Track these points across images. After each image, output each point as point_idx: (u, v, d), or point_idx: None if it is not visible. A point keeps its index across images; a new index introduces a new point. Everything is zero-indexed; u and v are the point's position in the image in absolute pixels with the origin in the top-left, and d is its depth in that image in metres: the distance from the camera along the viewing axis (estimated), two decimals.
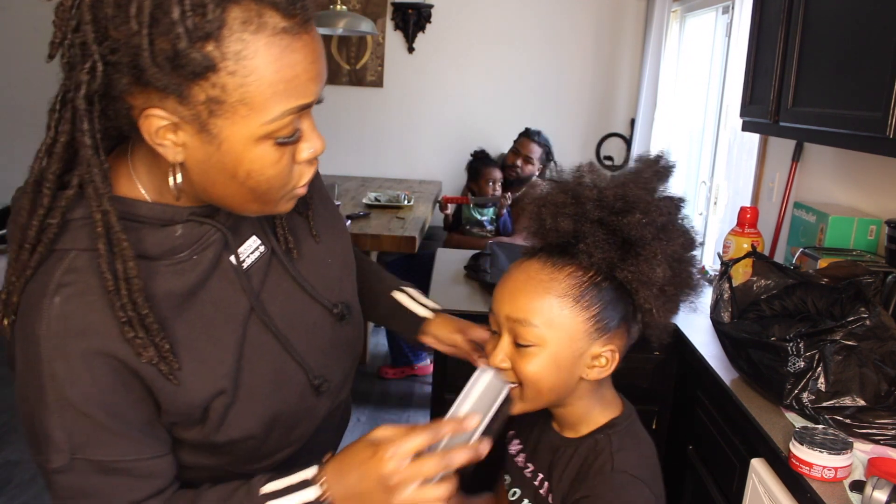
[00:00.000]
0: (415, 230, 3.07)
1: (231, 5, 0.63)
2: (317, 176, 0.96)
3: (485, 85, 4.55)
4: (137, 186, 0.76)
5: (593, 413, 0.93)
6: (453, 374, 1.67)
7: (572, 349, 0.86)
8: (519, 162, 3.72)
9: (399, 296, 1.15)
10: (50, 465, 0.72)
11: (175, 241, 0.76)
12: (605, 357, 0.88)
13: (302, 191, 0.77)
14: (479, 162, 3.84)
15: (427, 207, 3.63)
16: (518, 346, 0.87)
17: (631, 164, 0.92)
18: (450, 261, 2.38)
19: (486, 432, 0.81)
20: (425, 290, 2.02)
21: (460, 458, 0.76)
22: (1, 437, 2.76)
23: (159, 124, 0.67)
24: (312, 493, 0.75)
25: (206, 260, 0.78)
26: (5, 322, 0.74)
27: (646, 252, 0.84)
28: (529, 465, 1.00)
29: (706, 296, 1.96)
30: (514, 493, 1.01)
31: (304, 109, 0.70)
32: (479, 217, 3.69)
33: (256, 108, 0.66)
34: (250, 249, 0.84)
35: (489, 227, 3.68)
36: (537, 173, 3.75)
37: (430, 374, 2.98)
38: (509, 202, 3.65)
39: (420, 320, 1.12)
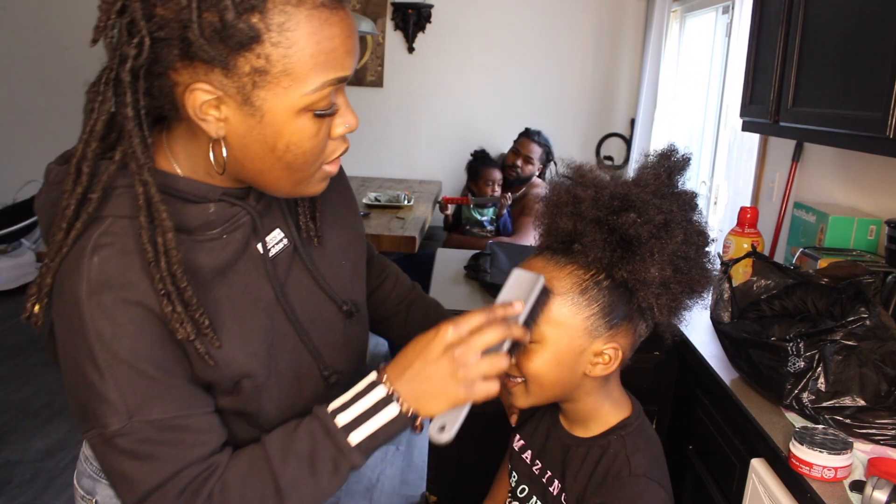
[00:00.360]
0: (415, 230, 3.07)
1: None
2: (344, 176, 1.00)
3: (485, 85, 4.55)
4: (173, 164, 0.78)
5: (603, 411, 0.94)
6: None
7: (573, 346, 0.87)
8: (519, 162, 3.72)
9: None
10: (107, 429, 0.72)
11: (209, 217, 0.78)
12: (607, 354, 0.88)
13: (332, 168, 0.79)
14: (479, 162, 3.84)
15: (427, 207, 3.64)
16: None
17: (640, 159, 0.92)
18: (450, 261, 2.38)
19: (527, 322, 0.82)
20: (425, 290, 2.01)
21: (516, 329, 0.79)
22: (1, 437, 2.76)
23: (204, 98, 0.70)
24: (381, 391, 0.77)
25: (235, 241, 0.80)
26: (36, 308, 0.75)
27: (641, 251, 0.84)
28: (538, 462, 1.00)
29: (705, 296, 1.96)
30: (523, 489, 1.01)
31: (341, 82, 0.73)
32: (479, 217, 3.69)
33: (298, 79, 0.69)
34: (275, 241, 0.86)
35: (489, 228, 3.68)
36: (537, 173, 3.75)
37: None
38: (509, 202, 3.65)
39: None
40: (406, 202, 3.61)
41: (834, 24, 1.60)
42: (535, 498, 0.98)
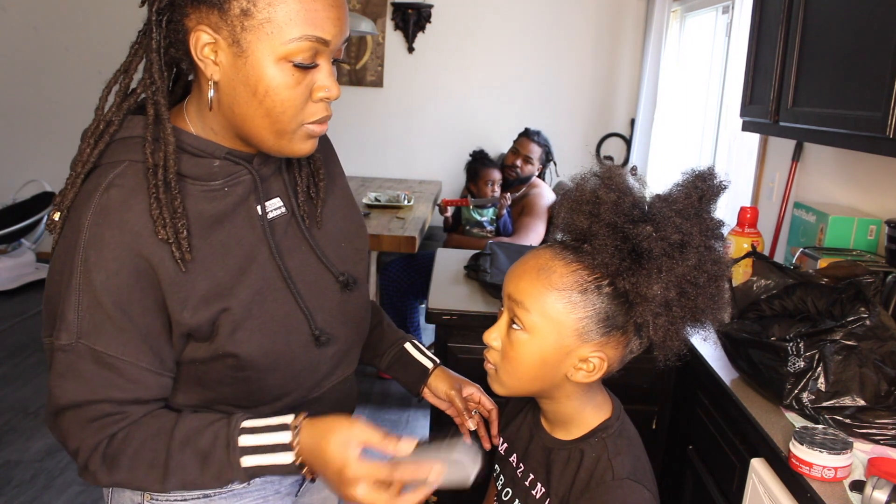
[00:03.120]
0: (415, 230, 3.07)
1: None
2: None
3: (485, 85, 4.55)
4: (188, 125, 0.89)
5: (584, 414, 0.92)
6: (453, 368, 1.67)
7: (559, 345, 0.86)
8: (518, 162, 3.72)
9: (409, 347, 1.20)
10: (57, 341, 0.82)
11: (213, 169, 0.88)
12: (592, 362, 0.86)
13: (315, 128, 0.86)
14: (478, 163, 3.84)
15: (427, 207, 3.63)
16: (512, 327, 0.88)
17: (679, 176, 0.89)
18: (450, 261, 2.38)
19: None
20: (425, 290, 2.02)
21: (413, 499, 0.82)
22: (1, 437, 2.76)
23: (204, 40, 0.80)
24: (286, 437, 0.84)
25: (235, 195, 0.89)
26: (56, 216, 0.85)
27: (649, 266, 0.81)
28: (521, 465, 0.99)
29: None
30: (507, 492, 1.00)
31: (322, 44, 0.81)
32: (478, 218, 3.68)
33: (279, 27, 0.78)
34: (274, 206, 0.94)
35: (489, 228, 3.68)
36: (537, 173, 3.75)
37: None
38: (509, 202, 3.65)
39: (425, 370, 1.16)
40: (406, 202, 3.61)
41: (834, 24, 1.60)
42: (517, 501, 0.97)
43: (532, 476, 0.96)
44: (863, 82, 1.44)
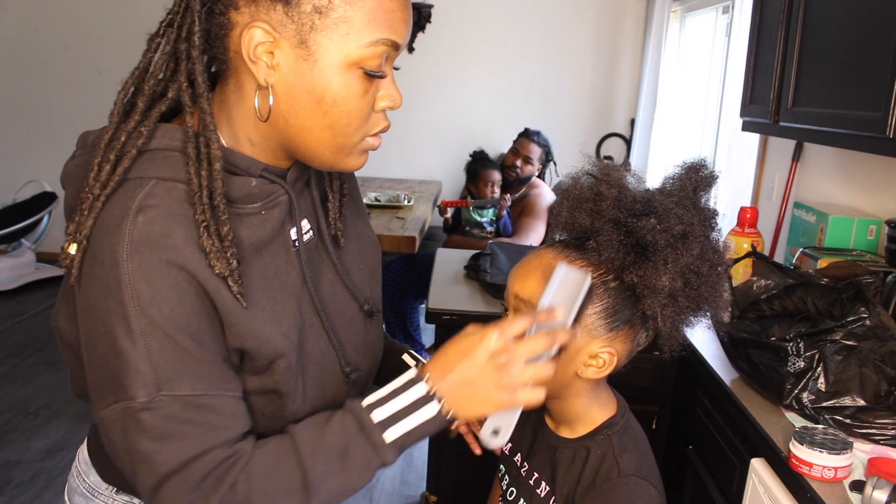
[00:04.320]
0: (415, 230, 3.07)
1: None
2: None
3: (485, 85, 4.55)
4: (218, 133, 0.77)
5: (590, 412, 0.93)
6: None
7: (569, 342, 0.85)
8: (518, 162, 3.72)
9: (407, 358, 1.15)
10: (134, 401, 0.69)
11: (251, 190, 0.77)
12: (602, 358, 0.87)
13: (375, 142, 0.79)
14: (478, 163, 3.84)
15: (427, 207, 3.63)
16: None
17: (671, 170, 0.90)
18: (450, 261, 2.38)
19: (574, 321, 0.82)
20: (425, 290, 2.02)
21: (562, 337, 0.78)
22: (1, 437, 2.76)
23: (260, 39, 0.70)
24: (421, 389, 0.76)
25: (273, 219, 0.79)
26: (72, 249, 0.71)
27: (655, 258, 0.82)
28: (525, 464, 0.99)
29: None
30: (511, 492, 1.00)
31: (394, 48, 0.75)
32: (478, 218, 3.68)
33: (355, 29, 0.70)
34: (304, 229, 0.85)
35: (489, 229, 3.68)
36: (536, 174, 3.75)
37: None
38: (509, 203, 3.65)
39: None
40: (406, 202, 3.61)
41: (834, 24, 1.60)
42: (522, 501, 0.97)
43: (537, 475, 0.96)
44: (863, 82, 1.44)
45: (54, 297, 4.60)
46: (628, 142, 4.44)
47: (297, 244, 0.82)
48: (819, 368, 1.25)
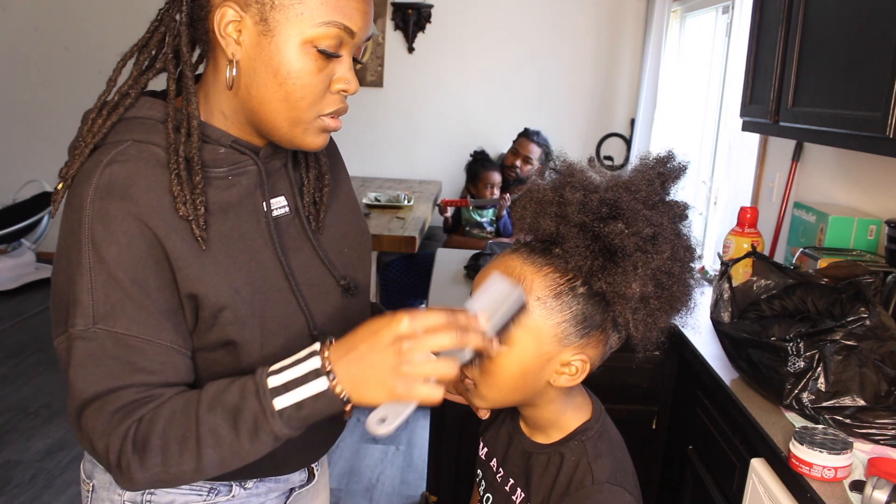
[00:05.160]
0: (415, 230, 3.07)
1: None
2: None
3: (485, 85, 4.55)
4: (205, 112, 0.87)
5: (564, 417, 0.90)
6: None
7: (540, 352, 0.82)
8: (518, 162, 3.72)
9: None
10: (73, 328, 0.77)
11: (218, 155, 0.85)
12: (575, 366, 0.84)
13: (330, 122, 0.85)
14: (478, 164, 3.84)
15: (427, 207, 3.63)
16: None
17: (636, 161, 0.87)
18: (450, 261, 2.38)
19: (498, 334, 0.79)
20: (425, 290, 2.02)
21: (474, 339, 0.75)
22: (1, 437, 2.76)
23: (230, 17, 0.79)
24: (315, 362, 0.75)
25: (240, 185, 0.87)
26: (59, 186, 0.82)
27: (625, 264, 0.79)
28: (501, 469, 0.97)
29: (706, 296, 1.95)
30: (488, 498, 0.98)
31: (349, 34, 0.81)
32: (478, 218, 3.68)
33: (309, 10, 0.78)
34: (279, 205, 0.92)
35: (489, 229, 3.68)
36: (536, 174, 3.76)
37: None
38: (509, 203, 3.65)
39: None
40: (406, 202, 3.61)
41: (834, 24, 1.60)
42: None
43: (512, 481, 0.94)
44: (863, 82, 1.44)
45: None
46: (628, 142, 4.44)
47: (266, 215, 0.88)
48: (819, 368, 1.25)
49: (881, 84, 1.35)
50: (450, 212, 3.73)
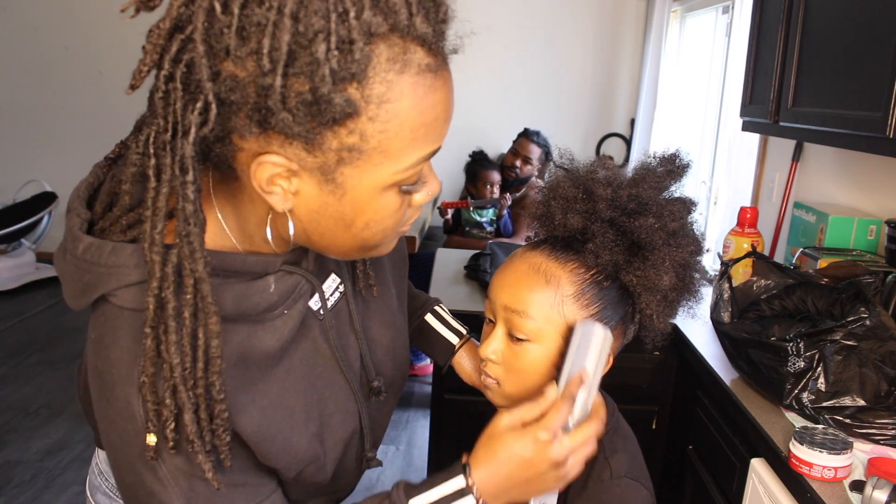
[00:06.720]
0: (415, 230, 3.07)
1: (378, 40, 0.55)
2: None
3: (485, 85, 4.55)
4: (225, 230, 0.68)
5: None
6: (452, 373, 1.67)
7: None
8: (518, 162, 3.72)
9: (430, 319, 1.10)
10: None
11: (270, 298, 0.69)
12: None
13: (406, 229, 0.71)
14: (478, 164, 3.84)
15: (427, 207, 3.63)
16: (512, 338, 0.84)
17: (644, 159, 0.89)
18: (450, 261, 2.38)
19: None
20: (425, 290, 2.02)
21: (590, 400, 0.77)
22: (1, 437, 2.76)
23: (274, 171, 0.58)
24: (470, 501, 0.71)
25: (296, 314, 0.72)
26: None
27: (654, 258, 0.81)
28: None
29: (706, 296, 1.96)
30: None
31: (435, 153, 0.65)
32: (478, 219, 3.68)
33: (392, 156, 0.59)
34: (331, 289, 0.78)
35: (489, 229, 3.68)
36: (536, 174, 3.75)
37: (430, 374, 2.99)
38: (509, 203, 3.65)
39: (450, 347, 1.08)
40: None
41: (834, 24, 1.60)
42: None
43: None
44: (863, 82, 1.44)
45: (54, 297, 4.58)
46: (628, 142, 4.44)
47: (322, 315, 0.75)
48: (819, 368, 1.25)
49: (881, 84, 1.35)
50: (450, 213, 3.73)
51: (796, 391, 1.27)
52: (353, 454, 0.83)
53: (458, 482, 0.71)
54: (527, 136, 3.78)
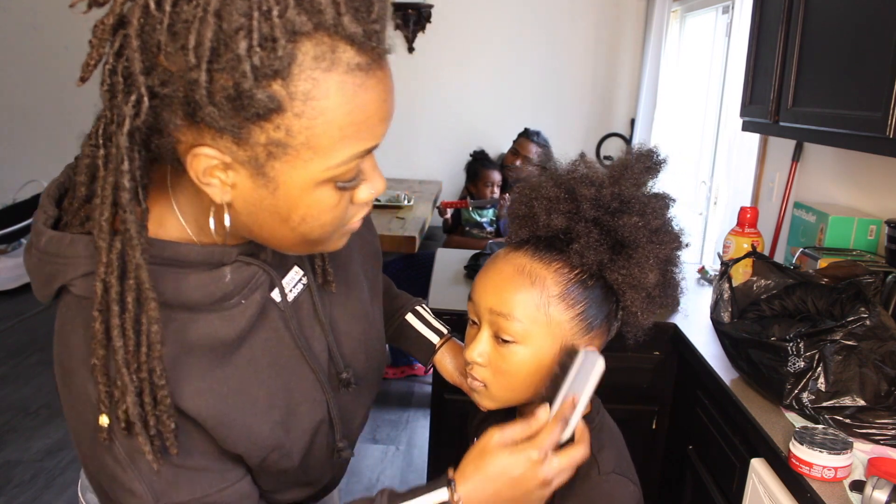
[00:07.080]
0: (415, 230, 3.07)
1: (303, 39, 0.55)
2: (371, 229, 0.94)
3: (485, 85, 4.55)
4: (181, 222, 0.70)
5: None
6: None
7: (555, 348, 0.83)
8: (518, 162, 3.72)
9: (411, 318, 1.12)
10: None
11: (225, 288, 0.70)
12: None
13: (355, 225, 0.71)
14: (478, 164, 3.84)
15: (427, 207, 3.63)
16: (498, 340, 0.84)
17: (621, 156, 0.88)
18: (450, 261, 2.38)
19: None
20: (425, 290, 2.02)
21: (578, 421, 0.79)
22: (1, 437, 2.77)
23: (209, 163, 0.60)
24: (444, 493, 0.74)
25: (254, 304, 0.73)
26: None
27: (638, 255, 0.81)
28: None
29: (705, 296, 1.95)
30: None
31: (370, 152, 0.65)
32: (478, 219, 3.69)
33: (321, 152, 0.60)
34: (293, 281, 0.79)
35: (489, 229, 3.68)
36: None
37: (430, 374, 2.99)
38: (508, 203, 3.65)
39: (430, 346, 1.09)
40: (406, 202, 3.61)
41: (834, 24, 1.60)
42: None
43: None
44: (863, 82, 1.44)
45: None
46: (628, 142, 4.44)
47: (283, 306, 0.76)
48: (819, 368, 1.25)
49: (881, 84, 1.35)
50: (449, 213, 3.73)
51: (796, 391, 1.27)
52: (323, 444, 0.83)
53: (440, 494, 0.74)
54: (527, 136, 3.78)
